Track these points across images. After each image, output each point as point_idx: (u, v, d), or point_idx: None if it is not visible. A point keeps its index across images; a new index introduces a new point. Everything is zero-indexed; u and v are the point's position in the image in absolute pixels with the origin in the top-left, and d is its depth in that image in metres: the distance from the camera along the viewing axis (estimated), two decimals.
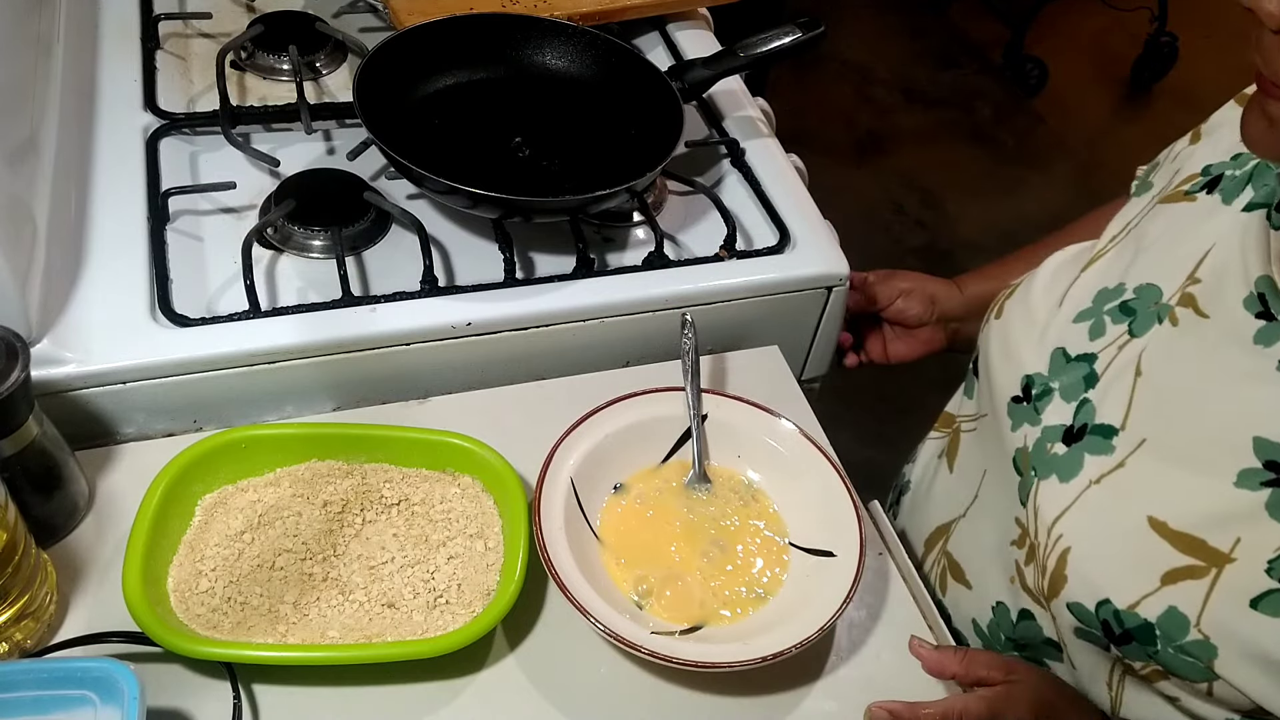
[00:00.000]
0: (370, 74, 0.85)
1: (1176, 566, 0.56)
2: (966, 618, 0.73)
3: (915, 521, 0.83)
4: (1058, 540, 0.61)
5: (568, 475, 0.71)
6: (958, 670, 0.61)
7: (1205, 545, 0.56)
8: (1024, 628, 0.67)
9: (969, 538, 0.74)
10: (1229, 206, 0.61)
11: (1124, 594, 0.58)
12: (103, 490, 0.71)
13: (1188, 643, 0.56)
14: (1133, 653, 0.59)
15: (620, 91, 0.93)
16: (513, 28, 0.95)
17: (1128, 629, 0.58)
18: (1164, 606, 0.56)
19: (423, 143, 0.87)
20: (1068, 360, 0.65)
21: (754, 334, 0.88)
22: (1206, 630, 0.55)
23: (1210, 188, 0.63)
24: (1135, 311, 0.63)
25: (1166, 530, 0.57)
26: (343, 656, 0.62)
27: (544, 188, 0.87)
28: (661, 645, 0.63)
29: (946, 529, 0.76)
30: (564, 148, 0.90)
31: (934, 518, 0.78)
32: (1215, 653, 0.55)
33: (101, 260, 0.77)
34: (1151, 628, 0.57)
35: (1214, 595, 0.55)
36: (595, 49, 0.95)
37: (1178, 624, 0.56)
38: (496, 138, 0.90)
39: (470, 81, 0.94)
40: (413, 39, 0.90)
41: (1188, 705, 0.59)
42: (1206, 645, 0.55)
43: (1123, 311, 0.64)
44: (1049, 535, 0.62)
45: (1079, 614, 0.60)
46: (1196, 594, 0.56)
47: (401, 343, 0.78)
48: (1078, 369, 0.64)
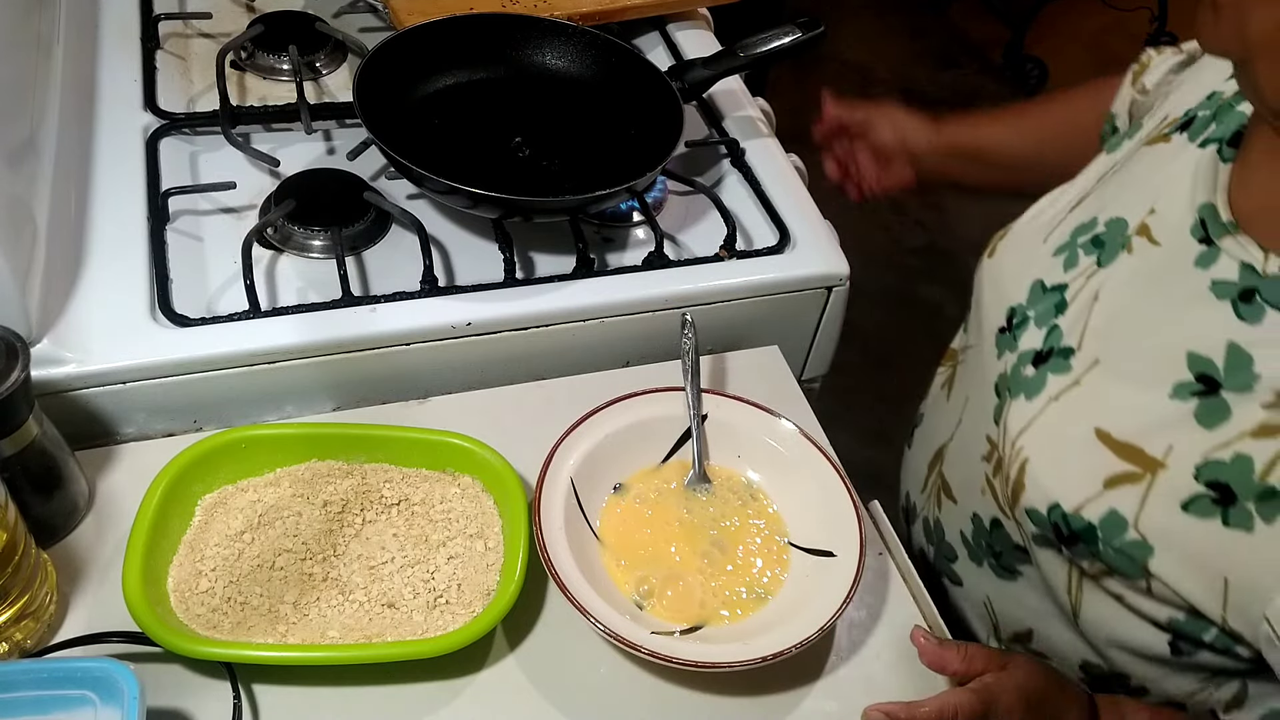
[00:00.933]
0: (370, 74, 0.85)
1: (1117, 473, 0.61)
2: (955, 531, 0.78)
3: (921, 450, 0.86)
4: (1019, 452, 0.67)
5: (568, 475, 0.71)
6: (959, 668, 0.63)
7: (1143, 453, 0.60)
8: (997, 536, 0.72)
9: (955, 458, 0.78)
10: (1193, 144, 0.65)
11: (1071, 498, 0.63)
12: (103, 490, 0.71)
13: (1126, 542, 0.61)
14: (1079, 553, 0.63)
15: (620, 91, 0.93)
16: (512, 28, 0.95)
17: (1074, 530, 0.63)
18: (1105, 509, 0.61)
19: (423, 143, 0.87)
20: (1044, 291, 0.70)
21: (754, 334, 0.88)
22: (1143, 531, 0.60)
23: (1184, 129, 0.67)
24: (1104, 244, 0.68)
25: (1110, 440, 0.62)
26: (343, 656, 0.62)
27: (544, 188, 0.87)
28: (661, 645, 0.63)
29: (941, 452, 0.80)
30: (564, 148, 0.90)
31: (933, 444, 0.83)
32: (1151, 552, 0.60)
33: (101, 260, 0.77)
34: (1094, 529, 0.62)
35: (1149, 499, 0.60)
36: (595, 49, 0.95)
37: (1117, 525, 0.61)
38: (496, 138, 0.90)
39: (470, 81, 0.94)
40: (412, 39, 0.90)
41: (1133, 603, 0.63)
42: (1143, 545, 0.60)
43: (1094, 244, 0.68)
44: (1013, 448, 0.67)
45: (1035, 519, 0.65)
46: (1134, 498, 0.60)
47: (401, 343, 0.78)
48: (1051, 298, 0.69)
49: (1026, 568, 0.71)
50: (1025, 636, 0.74)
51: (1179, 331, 0.61)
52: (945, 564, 0.80)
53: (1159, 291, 0.63)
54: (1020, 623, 0.74)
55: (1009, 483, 0.67)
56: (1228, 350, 0.58)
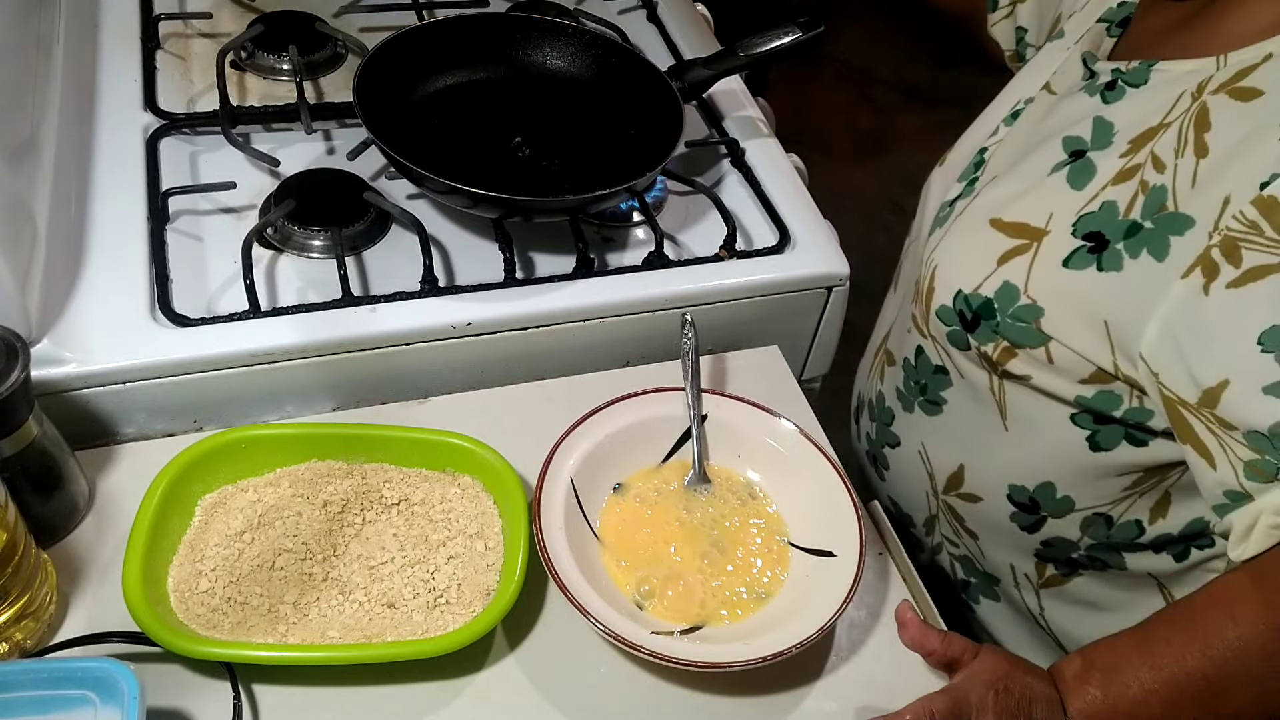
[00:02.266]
0: (370, 74, 0.85)
1: (1008, 249, 0.70)
2: (892, 391, 0.84)
3: (870, 350, 0.92)
4: (930, 265, 0.76)
5: (568, 475, 0.71)
6: (936, 648, 0.65)
7: (1028, 226, 0.70)
8: (921, 364, 0.79)
9: (894, 331, 0.86)
10: (1085, 25, 0.77)
11: (970, 281, 0.71)
12: (103, 490, 0.71)
13: (1019, 308, 0.69)
14: (983, 335, 0.71)
15: (620, 91, 0.93)
16: (512, 27, 0.95)
17: (975, 310, 0.71)
18: (1000, 283, 0.70)
19: (423, 143, 0.87)
20: (973, 161, 0.81)
21: (754, 334, 0.88)
22: (1033, 294, 0.68)
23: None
24: (1017, 113, 0.79)
25: (1001, 224, 0.71)
26: (343, 656, 0.62)
27: (544, 188, 0.87)
28: (661, 645, 0.63)
29: (887, 334, 0.88)
30: (564, 148, 0.90)
31: (881, 329, 0.90)
32: (1041, 312, 0.68)
33: (101, 260, 0.77)
34: (991, 302, 0.70)
35: (1035, 264, 0.69)
36: (595, 49, 0.95)
37: (1010, 294, 0.69)
38: (496, 137, 0.90)
39: (470, 81, 0.94)
40: (412, 39, 0.90)
41: (1042, 383, 0.69)
42: (1034, 308, 0.68)
43: (1011, 118, 0.80)
44: (927, 265, 0.76)
45: (943, 316, 0.74)
46: (1022, 266, 0.69)
47: (401, 343, 0.78)
48: (973, 161, 0.81)
49: (949, 392, 0.78)
50: (958, 479, 0.80)
51: (1058, 127, 0.72)
52: (885, 432, 0.86)
53: (1051, 116, 0.74)
54: (952, 462, 0.79)
55: (922, 297, 0.76)
56: (1094, 123, 0.69)
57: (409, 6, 1.06)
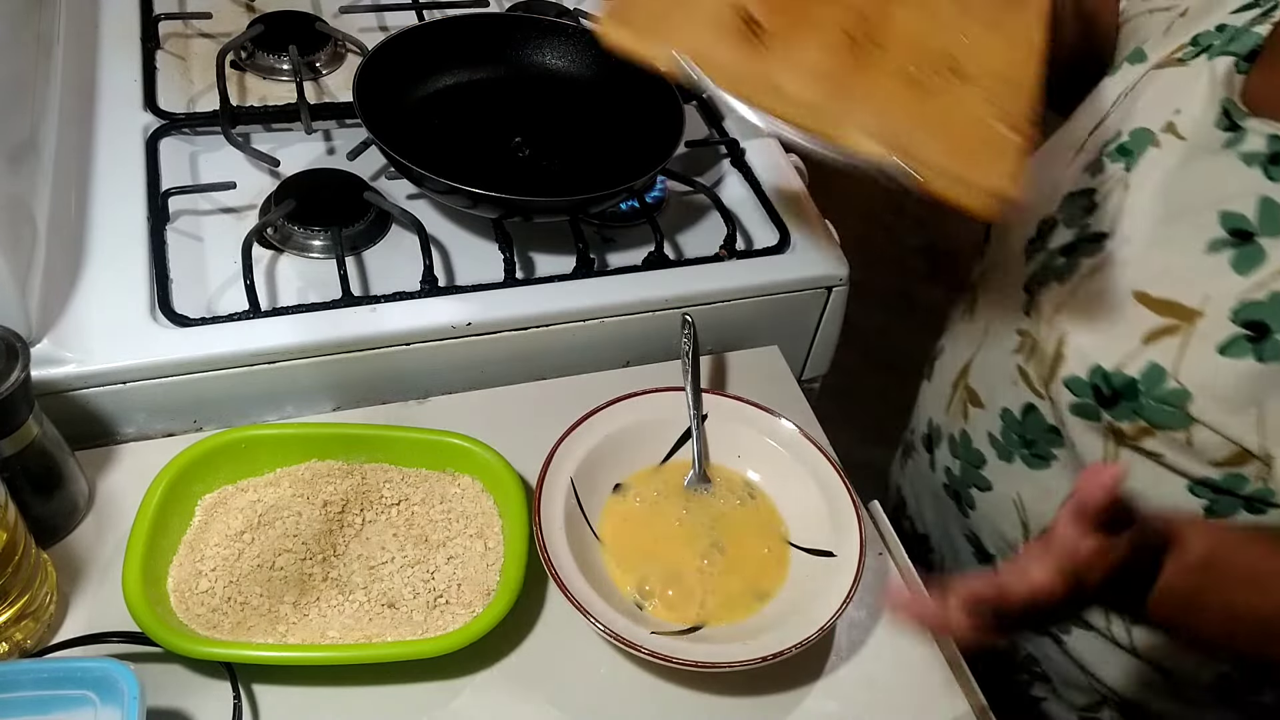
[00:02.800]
0: (370, 74, 0.85)
1: (1155, 327, 0.65)
2: (983, 435, 0.79)
3: (943, 375, 0.87)
4: (1056, 329, 0.70)
5: (568, 475, 0.71)
6: (934, 612, 0.57)
7: (1180, 306, 0.64)
8: (1030, 421, 0.74)
9: (981, 366, 0.81)
10: (1210, 61, 0.69)
11: (1111, 357, 0.66)
12: (103, 490, 0.71)
13: (1166, 391, 0.64)
14: (1120, 413, 0.66)
15: (621, 91, 0.93)
16: (512, 27, 0.95)
17: (1115, 388, 0.66)
18: (1145, 363, 0.64)
19: (423, 143, 0.87)
20: (1072, 197, 0.74)
21: (754, 334, 0.88)
22: (1183, 379, 0.63)
23: (1200, 54, 0.71)
24: (1131, 151, 0.71)
25: (1147, 299, 0.66)
26: (343, 656, 0.62)
27: (544, 188, 0.87)
28: (661, 645, 0.63)
29: (966, 368, 0.82)
30: (564, 148, 0.90)
31: (957, 364, 0.84)
32: (1190, 397, 0.63)
33: (101, 260, 0.77)
34: (1135, 383, 0.65)
35: (1188, 347, 0.63)
36: (595, 48, 0.95)
37: (1157, 376, 0.64)
38: (496, 138, 0.90)
39: (470, 81, 0.94)
40: (413, 39, 0.90)
41: (1172, 461, 0.65)
42: (1182, 392, 0.63)
43: (1120, 152, 0.72)
44: (1049, 328, 0.71)
45: (1074, 387, 0.68)
46: (1172, 348, 0.64)
47: (401, 343, 0.78)
48: (1079, 201, 0.73)
49: (1059, 450, 0.73)
50: None
51: (1210, 196, 0.64)
52: (972, 473, 0.82)
53: (1189, 170, 0.67)
54: (1051, 515, 0.73)
55: (1046, 361, 0.70)
56: (1260, 204, 0.62)
57: (409, 6, 1.06)
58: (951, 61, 0.66)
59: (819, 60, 0.64)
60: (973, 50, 0.68)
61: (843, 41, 0.65)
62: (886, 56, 0.66)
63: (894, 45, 0.66)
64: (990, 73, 0.67)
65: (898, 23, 0.67)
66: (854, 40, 0.65)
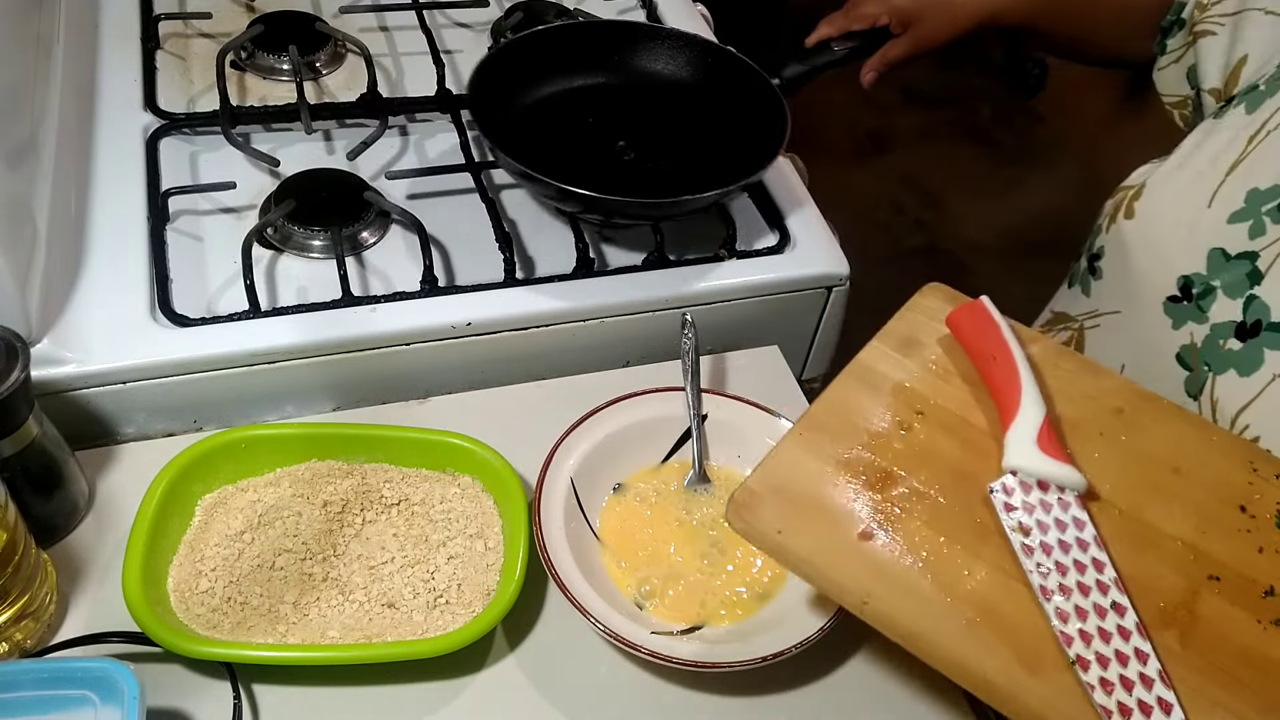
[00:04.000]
0: (481, 80, 0.86)
1: None
2: None
3: None
4: (1244, 431, 0.65)
5: (568, 475, 0.71)
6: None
7: None
8: None
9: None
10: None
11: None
12: (103, 490, 0.71)
13: None
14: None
15: (721, 93, 0.94)
16: (620, 35, 0.97)
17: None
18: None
19: (529, 142, 0.88)
20: (1227, 259, 0.68)
21: (754, 334, 0.88)
22: None
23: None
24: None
25: None
26: (343, 656, 0.62)
27: (646, 191, 0.87)
28: (661, 645, 0.63)
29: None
30: (670, 152, 0.91)
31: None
32: None
33: (101, 260, 0.77)
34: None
35: None
36: (691, 51, 0.96)
37: None
38: (601, 141, 0.92)
39: (577, 88, 0.95)
40: (521, 47, 0.92)
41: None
42: None
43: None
44: (1232, 426, 0.66)
45: None
46: None
47: (401, 343, 0.78)
48: (1239, 266, 0.68)
49: None
50: None
51: None
52: None
53: None
54: None
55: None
56: None
57: (409, 6, 1.06)
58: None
59: None
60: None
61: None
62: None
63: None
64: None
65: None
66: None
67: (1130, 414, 0.64)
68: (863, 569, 0.56)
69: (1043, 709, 0.52)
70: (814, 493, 0.59)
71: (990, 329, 0.65)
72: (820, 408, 0.64)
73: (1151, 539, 0.58)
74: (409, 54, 1.03)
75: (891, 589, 0.56)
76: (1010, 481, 0.59)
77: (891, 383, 0.65)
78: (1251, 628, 0.55)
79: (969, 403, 0.64)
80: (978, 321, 0.66)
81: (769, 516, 0.58)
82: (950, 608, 0.55)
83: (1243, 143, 0.72)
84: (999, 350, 0.63)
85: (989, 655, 0.53)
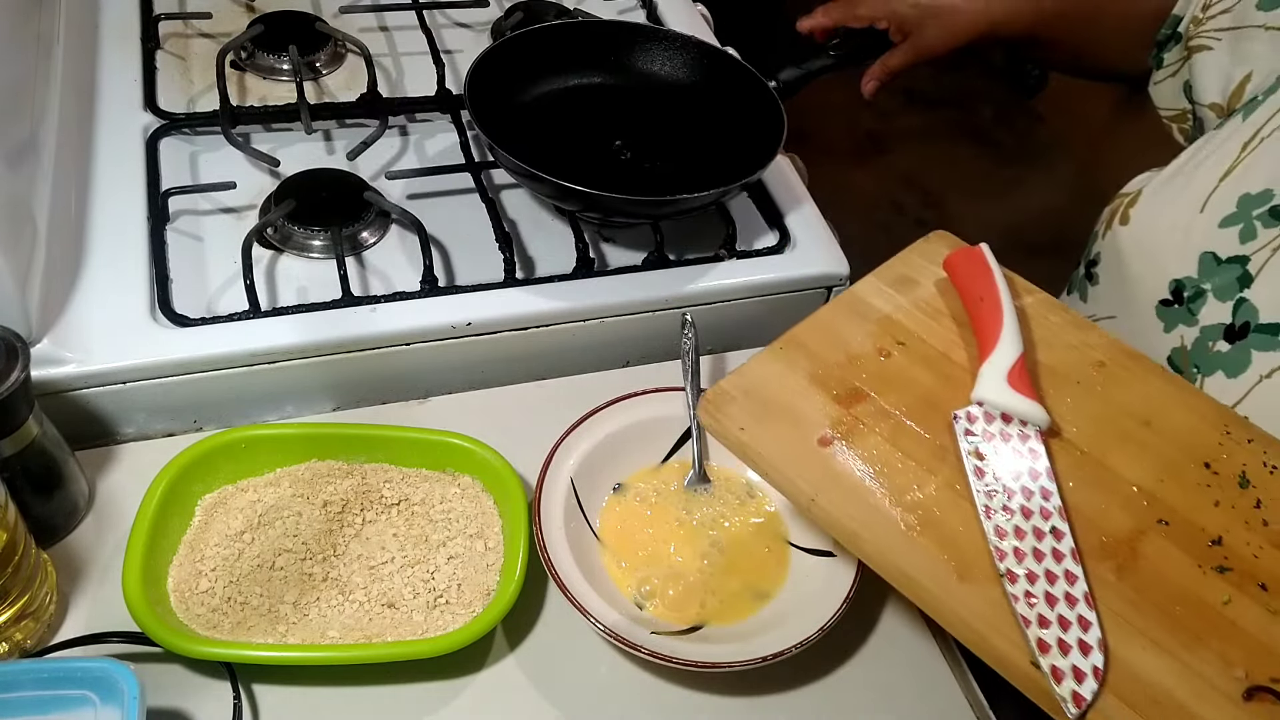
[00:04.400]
0: (478, 77, 0.86)
1: None
2: None
3: None
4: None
5: (568, 475, 0.71)
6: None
7: None
8: None
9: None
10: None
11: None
12: (103, 490, 0.71)
13: None
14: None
15: (717, 95, 0.94)
16: (618, 35, 0.97)
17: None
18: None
19: (526, 139, 0.88)
20: (1219, 263, 0.69)
21: (754, 334, 0.88)
22: None
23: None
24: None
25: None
26: (343, 656, 0.62)
27: (642, 190, 0.87)
28: (661, 645, 0.63)
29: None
30: (667, 152, 0.91)
31: None
32: None
33: (101, 260, 0.77)
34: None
35: None
36: (688, 52, 0.96)
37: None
38: (599, 140, 0.91)
39: (574, 86, 0.95)
40: (518, 45, 0.91)
41: None
42: None
43: (1273, 216, 0.67)
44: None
45: None
46: None
47: (401, 343, 0.78)
48: (1230, 270, 0.68)
49: None
50: None
51: None
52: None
53: None
54: None
55: None
56: None
57: (409, 6, 1.06)
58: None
59: None
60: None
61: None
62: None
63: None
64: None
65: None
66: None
67: (1112, 368, 0.66)
68: (816, 470, 0.59)
69: (968, 615, 0.55)
70: (782, 400, 0.62)
71: (984, 273, 0.67)
72: (804, 327, 0.66)
73: (1108, 481, 0.61)
74: (409, 54, 1.03)
75: (839, 491, 0.58)
76: (975, 411, 0.62)
77: (880, 314, 0.68)
78: (1191, 571, 0.57)
79: (953, 342, 0.67)
80: (974, 265, 0.68)
81: (735, 414, 0.61)
82: (893, 514, 0.58)
83: (1236, 149, 0.72)
84: (988, 292, 0.66)
85: (925, 561, 0.56)
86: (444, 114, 0.96)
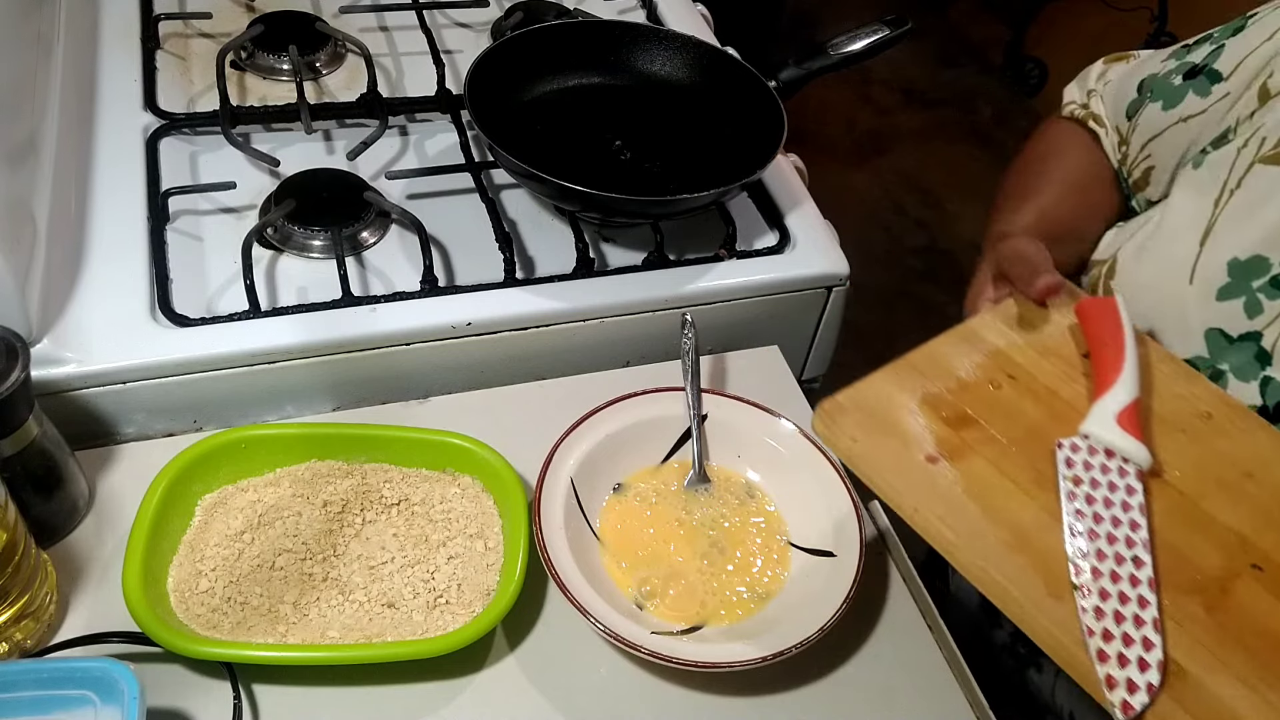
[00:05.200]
0: (478, 77, 0.86)
1: None
2: None
3: None
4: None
5: (568, 475, 0.71)
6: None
7: None
8: None
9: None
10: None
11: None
12: (103, 490, 0.71)
13: None
14: None
15: (717, 95, 0.94)
16: (619, 35, 0.97)
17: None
18: None
19: (526, 139, 0.88)
20: (1230, 342, 0.68)
21: (754, 334, 0.88)
22: None
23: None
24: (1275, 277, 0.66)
25: None
26: (343, 656, 0.62)
27: (640, 190, 0.87)
28: (661, 645, 0.63)
29: None
30: (666, 152, 0.91)
31: None
32: None
33: (101, 260, 0.77)
34: None
35: None
36: (688, 52, 0.96)
37: None
38: (598, 139, 0.91)
39: (574, 86, 0.95)
40: (519, 44, 0.91)
41: None
42: None
43: (1275, 286, 0.67)
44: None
45: None
46: None
47: (401, 343, 0.78)
48: (1245, 349, 0.68)
49: None
50: None
51: None
52: None
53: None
54: None
55: None
56: None
57: (409, 6, 1.06)
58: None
59: None
60: None
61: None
62: None
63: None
64: None
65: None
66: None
67: (1218, 420, 0.67)
68: (921, 484, 0.61)
69: (1056, 629, 0.56)
70: (893, 417, 0.64)
71: (1113, 320, 0.69)
72: (918, 354, 0.68)
73: (1204, 523, 0.61)
74: (409, 54, 1.03)
75: (942, 505, 0.60)
76: (1080, 442, 0.63)
77: (992, 347, 0.70)
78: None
79: (1063, 380, 0.68)
80: (1105, 312, 0.69)
81: (848, 426, 0.63)
82: (991, 529, 0.59)
83: (1208, 207, 0.70)
84: (1113, 338, 0.67)
85: (1018, 574, 0.57)
86: (444, 114, 0.96)
